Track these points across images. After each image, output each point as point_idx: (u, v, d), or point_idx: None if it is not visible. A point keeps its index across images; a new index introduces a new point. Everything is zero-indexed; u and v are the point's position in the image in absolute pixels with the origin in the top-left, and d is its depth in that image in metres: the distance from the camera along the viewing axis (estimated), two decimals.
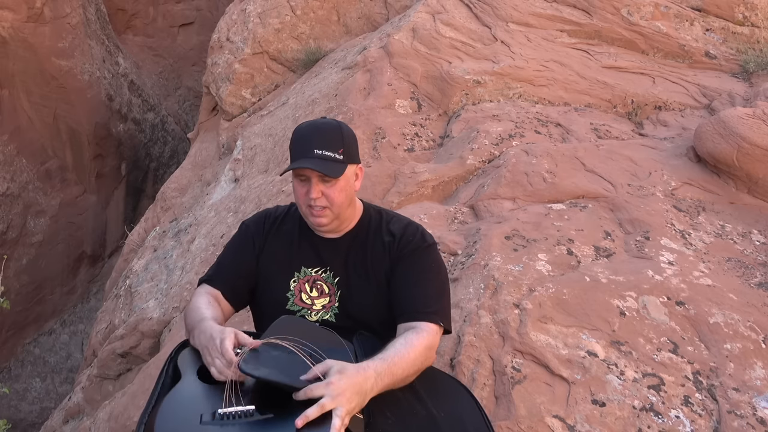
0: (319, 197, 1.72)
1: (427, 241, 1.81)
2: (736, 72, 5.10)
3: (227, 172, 5.45)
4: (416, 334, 1.63)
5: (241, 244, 1.89)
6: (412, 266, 1.76)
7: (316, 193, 1.72)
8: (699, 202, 3.42)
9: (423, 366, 1.61)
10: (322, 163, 1.69)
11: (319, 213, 1.75)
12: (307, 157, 1.69)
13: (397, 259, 1.77)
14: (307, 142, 1.72)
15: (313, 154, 1.70)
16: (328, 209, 1.75)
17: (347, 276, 1.80)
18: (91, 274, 11.62)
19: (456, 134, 4.20)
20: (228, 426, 1.34)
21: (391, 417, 1.49)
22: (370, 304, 1.77)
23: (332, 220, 1.78)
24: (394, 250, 1.78)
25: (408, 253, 1.77)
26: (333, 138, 1.73)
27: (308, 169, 1.69)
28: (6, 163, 10.09)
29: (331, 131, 1.76)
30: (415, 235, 1.81)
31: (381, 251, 1.80)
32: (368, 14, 6.88)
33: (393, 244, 1.79)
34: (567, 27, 5.37)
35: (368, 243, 1.82)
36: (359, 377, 1.42)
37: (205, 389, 1.46)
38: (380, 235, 1.82)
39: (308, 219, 1.80)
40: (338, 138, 1.74)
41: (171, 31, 15.43)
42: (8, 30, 9.58)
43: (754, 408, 2.25)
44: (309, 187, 1.72)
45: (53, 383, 10.47)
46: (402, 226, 1.84)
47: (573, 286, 2.65)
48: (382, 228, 1.84)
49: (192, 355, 1.60)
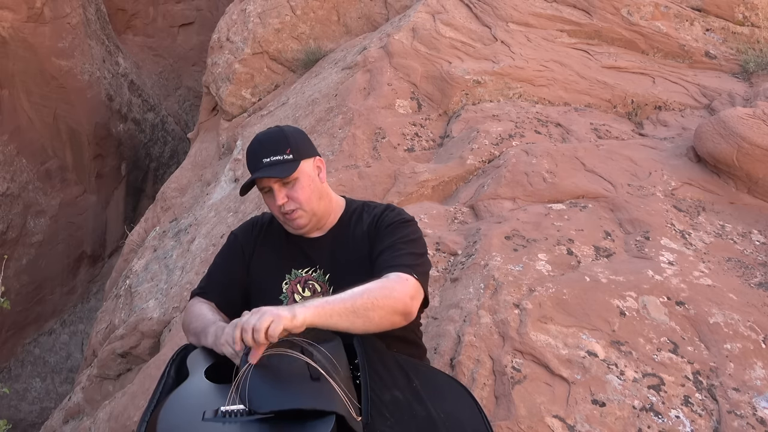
0: (286, 201, 1.76)
1: (404, 217, 1.83)
2: (736, 72, 5.10)
3: (227, 172, 5.45)
4: (378, 280, 1.62)
5: (230, 254, 1.92)
6: (390, 235, 1.77)
7: (281, 198, 1.76)
8: (699, 202, 3.42)
9: (385, 308, 1.56)
10: (271, 168, 1.74)
11: (293, 216, 1.79)
12: (258, 169, 1.75)
13: (375, 235, 1.80)
14: (254, 156, 1.77)
15: (262, 164, 1.75)
16: (300, 209, 1.78)
17: (336, 270, 1.81)
18: (91, 274, 11.62)
19: (456, 134, 4.20)
20: (229, 423, 1.34)
21: (390, 418, 1.49)
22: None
23: (309, 219, 1.81)
24: (373, 229, 1.81)
25: (385, 226, 1.80)
26: (277, 142, 1.77)
27: (264, 179, 1.74)
28: (6, 163, 10.09)
29: (274, 137, 1.80)
30: (393, 212, 1.84)
31: (362, 234, 1.82)
32: (368, 14, 6.88)
33: (372, 224, 1.82)
34: (567, 27, 5.37)
35: (351, 233, 1.85)
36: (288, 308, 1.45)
37: (212, 387, 1.47)
38: (361, 222, 1.85)
39: (287, 226, 1.84)
40: (282, 140, 1.78)
41: (171, 31, 15.43)
42: (8, 30, 9.58)
43: (754, 408, 2.25)
44: (274, 195, 1.77)
45: (53, 383, 10.47)
46: (382, 208, 1.87)
47: (573, 286, 2.65)
48: (363, 215, 1.87)
49: (202, 354, 1.61)
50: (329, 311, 1.49)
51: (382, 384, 1.55)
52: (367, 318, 1.54)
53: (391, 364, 1.64)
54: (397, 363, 1.66)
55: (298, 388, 1.42)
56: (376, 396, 1.51)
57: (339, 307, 1.51)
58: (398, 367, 1.65)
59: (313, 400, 1.38)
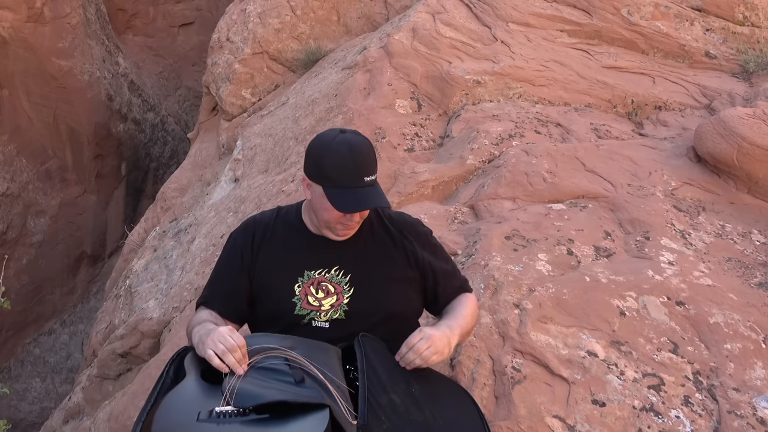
0: (360, 219, 1.76)
1: (425, 229, 1.97)
2: (736, 72, 5.10)
3: (227, 172, 5.45)
4: (464, 298, 1.91)
5: (229, 261, 1.88)
6: (435, 255, 1.90)
7: (358, 217, 1.75)
8: (699, 202, 3.42)
9: (474, 327, 1.94)
10: (377, 193, 1.70)
11: (352, 228, 1.78)
12: (360, 187, 1.67)
13: (413, 248, 1.86)
14: (354, 167, 1.67)
15: (363, 182, 1.68)
16: (358, 223, 1.78)
17: (357, 271, 1.79)
18: (91, 274, 11.62)
19: (456, 134, 4.20)
20: (223, 424, 1.34)
21: (386, 422, 1.49)
22: (383, 296, 1.78)
23: (355, 229, 1.82)
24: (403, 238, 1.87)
25: (423, 243, 1.90)
26: (371, 158, 1.72)
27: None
28: (6, 163, 10.09)
29: (368, 151, 1.72)
30: (422, 227, 1.96)
31: (381, 238, 1.85)
32: (368, 14, 6.88)
33: (403, 236, 1.87)
34: (567, 27, 5.37)
35: (370, 234, 1.85)
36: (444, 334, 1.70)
37: (207, 389, 1.47)
38: (378, 224, 1.88)
39: (335, 233, 1.79)
40: (373, 155, 1.73)
41: (171, 31, 15.42)
42: (8, 30, 9.58)
43: (754, 408, 2.25)
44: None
45: (53, 383, 10.47)
46: (396, 214, 1.95)
47: (573, 286, 2.65)
48: (383, 217, 1.90)
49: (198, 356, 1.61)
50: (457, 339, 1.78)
51: (381, 387, 1.55)
52: (469, 335, 1.95)
53: (391, 368, 1.63)
54: (398, 366, 1.66)
55: (283, 386, 1.43)
56: (373, 398, 1.50)
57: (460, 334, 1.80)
58: (399, 370, 1.64)
59: (297, 396, 1.40)
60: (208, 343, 1.55)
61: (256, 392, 1.41)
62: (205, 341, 1.56)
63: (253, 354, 1.54)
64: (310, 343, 1.63)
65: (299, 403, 1.38)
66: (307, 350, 1.57)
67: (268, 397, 1.39)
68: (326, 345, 1.66)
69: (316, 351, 1.60)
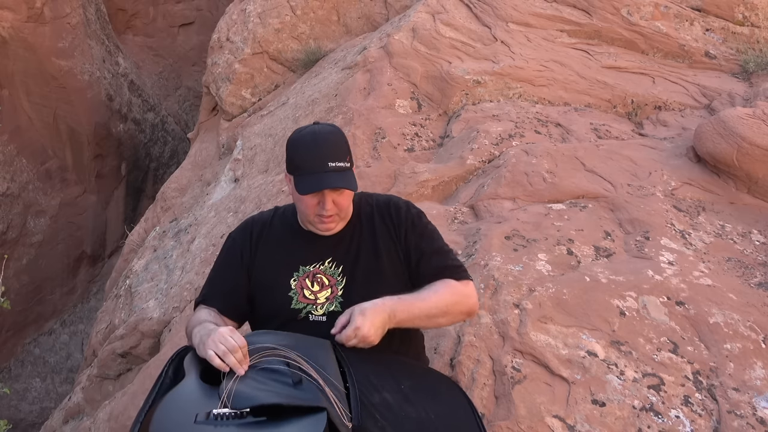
0: (332, 208, 1.74)
1: (414, 210, 1.91)
2: (736, 72, 5.10)
3: (227, 172, 5.45)
4: (446, 286, 1.77)
5: (229, 259, 1.90)
6: (421, 236, 1.85)
7: (330, 205, 1.74)
8: (699, 202, 3.42)
9: (454, 314, 1.78)
10: (339, 178, 1.70)
11: (330, 220, 1.78)
12: (324, 172, 1.69)
13: (402, 235, 1.83)
14: (318, 154, 1.70)
15: (328, 167, 1.69)
16: (337, 215, 1.78)
17: (349, 262, 1.81)
18: (91, 274, 11.62)
19: (456, 134, 4.20)
20: (221, 426, 1.34)
21: (381, 420, 1.49)
22: (376, 285, 1.78)
23: (338, 223, 1.81)
24: (392, 226, 1.85)
25: (410, 225, 1.85)
26: (340, 146, 1.74)
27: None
28: (6, 163, 10.09)
29: (335, 139, 1.75)
30: (409, 209, 1.90)
31: (371, 227, 1.85)
32: (368, 14, 6.88)
33: (388, 220, 1.85)
34: (567, 27, 5.37)
35: (360, 224, 1.85)
36: (378, 316, 1.62)
37: (206, 390, 1.47)
38: (367, 213, 1.87)
39: (316, 227, 1.81)
40: (344, 144, 1.75)
41: (171, 31, 15.42)
42: (8, 30, 9.57)
43: (754, 408, 2.25)
44: (320, 199, 1.73)
45: (53, 383, 10.47)
46: (385, 200, 1.92)
47: (573, 286, 2.65)
48: (363, 205, 1.89)
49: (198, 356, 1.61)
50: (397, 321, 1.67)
51: (371, 386, 1.55)
52: (437, 323, 1.78)
53: (377, 367, 1.63)
54: (384, 365, 1.66)
55: (281, 388, 1.43)
56: (365, 398, 1.50)
57: (404, 318, 1.68)
58: (386, 369, 1.64)
59: (293, 399, 1.40)
60: (209, 344, 1.55)
61: (253, 394, 1.41)
62: (206, 342, 1.56)
63: (254, 353, 1.54)
64: (310, 341, 1.64)
65: (295, 406, 1.38)
66: (307, 348, 1.57)
67: (265, 399, 1.39)
68: (326, 343, 1.66)
69: (316, 349, 1.60)
